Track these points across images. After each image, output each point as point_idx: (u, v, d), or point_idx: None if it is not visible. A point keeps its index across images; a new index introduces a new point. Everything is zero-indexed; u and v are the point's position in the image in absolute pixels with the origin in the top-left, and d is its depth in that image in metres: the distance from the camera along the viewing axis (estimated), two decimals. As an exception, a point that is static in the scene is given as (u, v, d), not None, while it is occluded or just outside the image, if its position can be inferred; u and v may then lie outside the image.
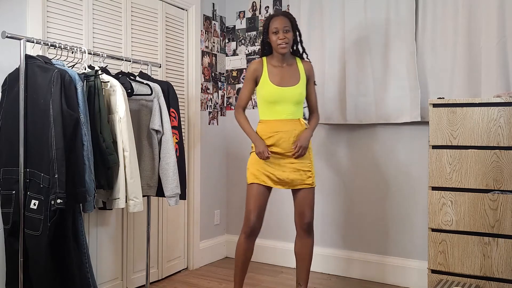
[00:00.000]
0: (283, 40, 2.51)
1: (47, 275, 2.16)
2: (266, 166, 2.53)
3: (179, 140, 2.83)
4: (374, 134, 3.28)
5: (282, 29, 2.51)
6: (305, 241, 2.64)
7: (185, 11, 3.52)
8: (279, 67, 2.59)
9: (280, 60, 2.60)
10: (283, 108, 2.55)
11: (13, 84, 2.22)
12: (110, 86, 2.40)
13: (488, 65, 2.77)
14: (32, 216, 2.12)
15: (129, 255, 3.02)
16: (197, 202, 3.59)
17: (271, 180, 2.54)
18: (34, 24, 2.43)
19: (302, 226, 2.62)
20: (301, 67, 2.64)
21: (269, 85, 2.55)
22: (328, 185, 3.46)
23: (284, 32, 2.51)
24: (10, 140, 2.20)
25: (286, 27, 2.52)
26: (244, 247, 2.57)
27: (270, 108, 2.57)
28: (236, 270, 2.63)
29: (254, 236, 2.57)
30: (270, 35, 2.55)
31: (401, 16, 3.06)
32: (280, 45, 2.51)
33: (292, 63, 2.63)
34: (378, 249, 3.27)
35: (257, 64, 2.60)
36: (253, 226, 2.53)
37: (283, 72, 2.59)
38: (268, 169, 2.53)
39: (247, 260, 2.60)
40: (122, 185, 2.37)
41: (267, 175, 2.53)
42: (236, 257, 2.61)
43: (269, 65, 2.59)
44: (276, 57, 2.60)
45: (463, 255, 2.40)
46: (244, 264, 2.60)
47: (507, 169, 2.30)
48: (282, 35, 2.51)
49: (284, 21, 2.53)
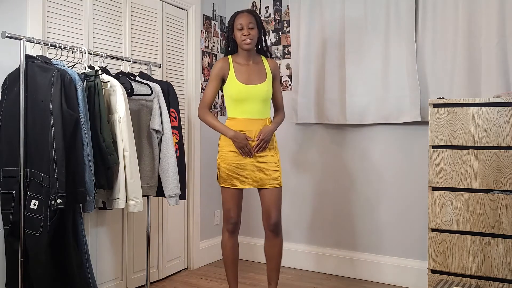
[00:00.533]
0: (248, 36, 2.52)
1: (47, 275, 2.16)
2: (235, 168, 2.54)
3: (179, 140, 2.83)
4: (374, 134, 3.28)
5: (247, 26, 2.52)
6: (273, 241, 2.63)
7: (185, 11, 3.52)
8: (245, 65, 2.60)
9: (246, 57, 2.60)
10: (251, 106, 2.55)
11: (13, 84, 2.22)
12: (110, 86, 2.40)
13: (488, 65, 2.77)
14: (32, 216, 2.12)
15: (129, 255, 3.02)
16: (197, 202, 3.59)
17: (241, 181, 2.55)
18: (34, 24, 2.43)
19: (269, 227, 2.61)
20: (267, 65, 2.66)
21: (236, 83, 2.55)
22: (328, 185, 3.46)
23: (248, 28, 2.52)
24: (10, 140, 2.20)
25: (250, 23, 2.53)
26: (230, 244, 2.62)
27: (237, 106, 2.57)
28: (227, 270, 2.65)
29: (236, 232, 2.63)
30: (235, 32, 2.56)
31: (401, 16, 3.06)
32: (244, 41, 2.52)
33: (259, 61, 2.65)
34: (378, 249, 3.27)
35: (222, 63, 2.59)
36: (234, 222, 2.59)
37: (250, 70, 2.60)
38: (236, 171, 2.54)
39: (236, 257, 2.65)
40: (122, 185, 2.37)
41: (236, 177, 2.55)
42: (225, 256, 2.64)
43: (235, 63, 2.60)
44: (242, 54, 2.60)
45: (463, 255, 2.40)
46: (234, 262, 2.64)
47: (507, 169, 2.30)
48: (246, 31, 2.52)
49: (249, 17, 2.55)
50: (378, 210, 3.27)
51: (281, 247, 2.65)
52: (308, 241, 3.53)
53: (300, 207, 3.54)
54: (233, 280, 2.65)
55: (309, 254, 3.51)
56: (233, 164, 2.54)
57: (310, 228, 3.53)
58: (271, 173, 2.56)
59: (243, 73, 2.57)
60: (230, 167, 2.55)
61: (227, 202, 2.58)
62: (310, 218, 3.53)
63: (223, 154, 2.57)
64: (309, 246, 3.52)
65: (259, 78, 2.59)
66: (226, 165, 2.55)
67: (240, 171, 2.54)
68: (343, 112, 3.28)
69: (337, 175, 3.43)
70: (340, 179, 3.41)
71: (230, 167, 2.55)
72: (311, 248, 3.51)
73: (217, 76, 2.59)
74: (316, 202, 3.51)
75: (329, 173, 3.45)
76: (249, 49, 2.57)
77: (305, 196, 3.52)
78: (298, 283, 3.25)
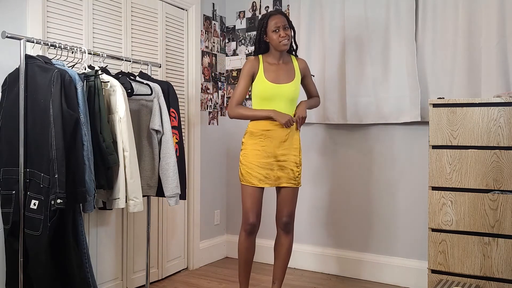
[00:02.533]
0: (285, 37, 2.53)
1: (47, 275, 2.16)
2: (255, 166, 2.54)
3: (179, 140, 2.83)
4: (374, 134, 3.28)
5: (283, 27, 2.53)
6: (283, 240, 2.66)
7: (185, 11, 3.52)
8: (275, 65, 2.61)
9: (277, 57, 2.61)
10: (277, 105, 2.55)
11: (13, 84, 2.22)
12: (110, 86, 2.40)
13: (488, 65, 2.77)
14: (32, 216, 2.12)
15: (129, 255, 3.02)
16: (197, 202, 3.59)
17: (259, 180, 2.55)
18: (34, 24, 2.43)
19: (280, 225, 2.65)
20: (296, 65, 2.66)
21: (264, 81, 2.56)
22: (328, 185, 3.46)
23: (284, 29, 2.54)
24: (10, 140, 2.20)
25: (285, 25, 2.55)
26: (246, 245, 2.59)
27: (264, 105, 2.57)
28: (240, 270, 2.64)
29: (254, 234, 2.60)
30: (269, 34, 2.56)
31: (401, 16, 3.06)
32: (282, 42, 2.53)
33: (288, 61, 2.66)
34: (378, 249, 3.27)
35: (253, 61, 2.61)
36: (253, 223, 2.55)
37: (279, 69, 2.61)
38: (257, 169, 2.54)
39: (250, 258, 2.62)
40: (122, 185, 2.37)
41: (255, 176, 2.54)
42: (240, 256, 2.62)
43: (265, 62, 2.61)
44: (273, 54, 2.61)
45: (463, 255, 2.40)
46: (247, 262, 2.61)
47: (507, 169, 2.30)
48: (283, 33, 2.53)
49: (283, 19, 2.56)
50: (378, 210, 3.27)
51: (290, 246, 2.68)
52: (308, 241, 3.53)
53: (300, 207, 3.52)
54: (245, 281, 2.64)
55: (309, 254, 3.51)
56: (254, 162, 2.54)
57: (309, 228, 3.53)
58: (289, 172, 2.58)
59: (272, 72, 2.58)
60: (251, 165, 2.54)
61: (247, 201, 2.56)
62: (310, 218, 3.53)
63: (246, 152, 2.58)
64: (309, 246, 3.52)
65: (287, 77, 2.61)
66: (247, 163, 2.55)
67: (260, 169, 2.53)
68: (343, 112, 3.28)
69: (336, 175, 3.43)
70: (340, 179, 3.41)
71: (251, 165, 2.54)
72: (311, 248, 3.51)
73: (248, 74, 2.59)
74: (315, 202, 3.51)
75: (329, 173, 3.45)
76: (286, 50, 2.59)
77: (305, 196, 3.52)
78: (298, 283, 3.25)
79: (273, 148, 2.54)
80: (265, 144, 2.54)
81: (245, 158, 2.57)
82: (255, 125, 2.57)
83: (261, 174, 2.54)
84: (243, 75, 2.61)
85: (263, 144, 2.55)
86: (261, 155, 2.54)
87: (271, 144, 2.54)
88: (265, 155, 2.54)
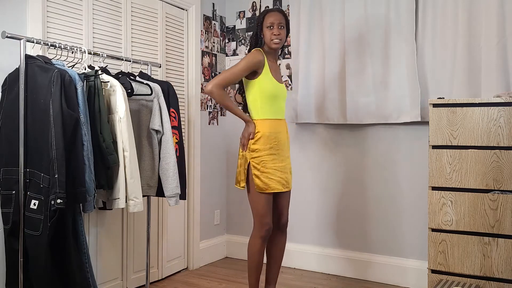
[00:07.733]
0: (277, 36, 2.47)
1: (47, 275, 2.16)
2: (272, 170, 2.46)
3: (179, 140, 2.83)
4: (374, 134, 3.28)
5: (277, 25, 2.47)
6: (279, 239, 2.67)
7: (185, 11, 3.52)
8: (274, 63, 2.59)
9: (273, 55, 2.59)
10: (280, 105, 2.55)
11: (13, 84, 2.22)
12: (110, 86, 2.40)
13: (488, 65, 2.77)
14: (32, 216, 2.12)
15: (129, 255, 3.02)
16: (197, 202, 3.59)
17: (284, 185, 2.52)
18: (34, 24, 2.43)
19: (279, 226, 2.64)
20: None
21: (271, 79, 2.50)
22: (328, 185, 3.46)
23: (279, 28, 2.48)
24: (10, 140, 2.20)
25: (281, 23, 2.49)
26: (263, 251, 2.54)
27: (271, 104, 2.49)
28: (251, 274, 2.55)
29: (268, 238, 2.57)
30: (264, 30, 2.50)
31: (401, 16, 3.06)
32: (273, 40, 2.47)
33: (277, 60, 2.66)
34: (378, 249, 3.27)
35: (261, 56, 2.47)
36: (269, 228, 2.51)
37: (277, 68, 2.61)
38: (280, 175, 2.49)
39: (262, 261, 2.57)
40: (122, 185, 2.37)
41: (282, 182, 2.50)
42: (253, 262, 2.53)
43: (268, 60, 2.54)
44: (270, 52, 2.55)
45: (463, 255, 2.40)
46: (260, 267, 2.56)
47: (507, 169, 2.30)
48: (277, 31, 2.47)
49: (280, 17, 2.49)
50: (378, 210, 3.27)
51: (285, 245, 2.70)
52: (308, 241, 3.53)
53: (300, 207, 3.54)
54: (255, 284, 2.56)
55: (309, 254, 3.51)
56: (275, 167, 2.46)
57: (309, 228, 3.53)
58: (290, 174, 2.61)
59: (273, 71, 2.54)
60: (273, 171, 2.46)
61: (264, 207, 2.46)
62: (309, 218, 3.53)
63: (263, 159, 2.44)
64: (309, 246, 3.52)
65: (280, 77, 2.62)
66: (268, 170, 2.44)
67: (281, 174, 2.48)
68: (343, 112, 3.28)
69: (336, 175, 3.43)
70: (340, 179, 3.41)
71: (272, 170, 2.45)
72: (311, 248, 3.51)
73: (253, 66, 2.44)
74: (315, 202, 3.51)
75: (329, 173, 3.45)
76: (277, 49, 2.54)
77: (305, 196, 3.52)
78: (298, 283, 3.25)
79: (284, 151, 2.53)
80: (279, 148, 2.50)
81: (264, 165, 2.44)
82: (268, 128, 2.47)
83: (282, 178, 2.49)
84: (247, 65, 2.43)
85: (277, 148, 2.49)
86: (278, 159, 2.48)
87: (283, 146, 2.53)
88: (281, 158, 2.50)
